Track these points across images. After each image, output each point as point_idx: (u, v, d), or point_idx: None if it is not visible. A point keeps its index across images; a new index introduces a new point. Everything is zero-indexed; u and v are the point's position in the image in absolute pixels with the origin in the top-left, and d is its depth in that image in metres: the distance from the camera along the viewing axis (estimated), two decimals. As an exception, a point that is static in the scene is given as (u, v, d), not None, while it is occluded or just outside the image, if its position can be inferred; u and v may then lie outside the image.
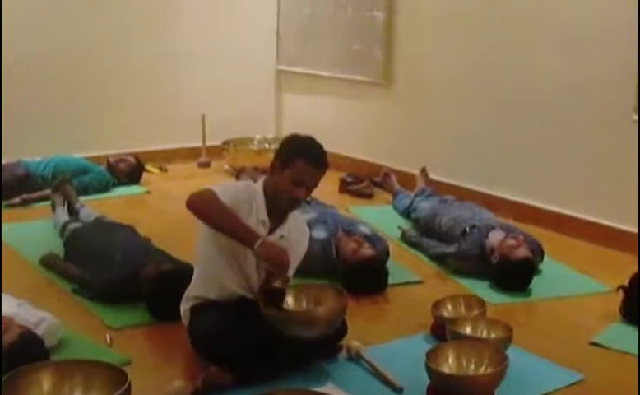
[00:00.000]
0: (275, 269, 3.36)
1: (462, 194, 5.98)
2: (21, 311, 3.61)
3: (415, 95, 6.79)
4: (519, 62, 5.89)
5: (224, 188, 3.50)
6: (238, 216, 3.41)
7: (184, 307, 3.67)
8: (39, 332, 3.48)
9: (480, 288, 4.54)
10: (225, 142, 7.42)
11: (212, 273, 3.60)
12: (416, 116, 6.78)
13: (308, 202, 5.16)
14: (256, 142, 7.55)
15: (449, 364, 3.35)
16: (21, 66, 6.80)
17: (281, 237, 3.59)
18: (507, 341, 3.59)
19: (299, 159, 3.48)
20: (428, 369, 3.26)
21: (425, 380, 3.31)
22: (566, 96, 5.57)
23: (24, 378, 2.95)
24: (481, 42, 6.18)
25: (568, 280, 4.83)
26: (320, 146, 3.59)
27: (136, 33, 7.38)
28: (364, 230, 4.87)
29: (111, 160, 6.83)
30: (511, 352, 3.55)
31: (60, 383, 3.00)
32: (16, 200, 6.08)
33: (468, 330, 3.67)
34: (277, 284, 3.39)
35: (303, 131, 3.71)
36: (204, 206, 3.40)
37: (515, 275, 4.54)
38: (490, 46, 6.11)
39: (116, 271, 4.25)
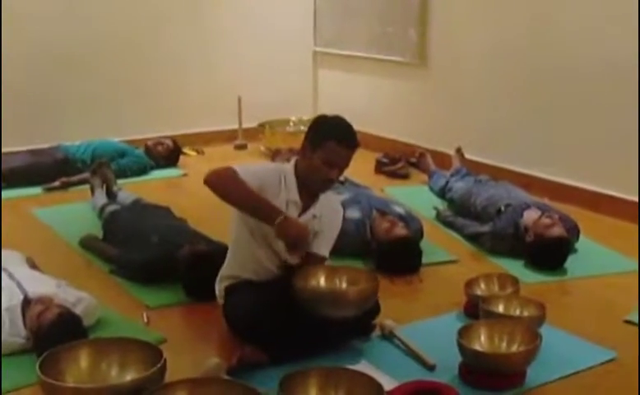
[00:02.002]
0: (291, 247, 3.43)
1: (498, 174, 5.97)
2: (60, 291, 3.69)
3: (449, 75, 6.77)
4: (555, 40, 5.85)
5: (250, 170, 3.51)
6: (259, 194, 3.42)
7: (219, 287, 3.72)
8: (77, 311, 3.55)
9: (515, 267, 4.53)
10: (261, 124, 7.45)
11: (245, 253, 3.63)
12: (451, 96, 6.77)
13: (342, 183, 5.20)
14: (292, 124, 7.58)
15: (481, 342, 3.37)
16: (61, 52, 6.91)
17: (314, 217, 3.61)
18: (540, 319, 3.59)
19: (330, 140, 3.49)
20: (461, 346, 3.28)
21: (458, 358, 3.33)
22: (604, 73, 5.51)
23: (62, 356, 3.03)
24: (516, 20, 6.14)
25: (604, 258, 4.80)
26: (349, 126, 3.59)
27: (174, 17, 7.44)
28: (398, 209, 4.88)
29: (149, 143, 6.91)
30: (544, 330, 3.56)
31: (97, 361, 3.08)
32: (56, 183, 6.17)
33: (501, 308, 3.68)
34: (292, 260, 3.47)
35: (340, 112, 3.71)
36: (222, 183, 3.44)
37: (549, 254, 4.53)
38: (525, 24, 6.07)
39: (152, 252, 4.32)
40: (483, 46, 6.41)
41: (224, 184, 3.44)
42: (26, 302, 3.53)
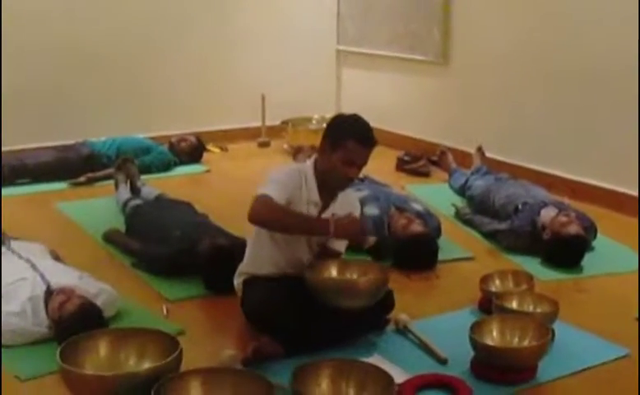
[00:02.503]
0: (356, 237, 3.62)
1: (518, 172, 5.99)
2: (82, 283, 3.77)
3: (471, 74, 6.80)
4: (576, 39, 5.86)
5: (276, 183, 3.54)
6: (301, 214, 3.55)
7: (237, 281, 3.79)
8: (98, 302, 3.63)
9: (531, 265, 4.55)
10: (284, 122, 7.52)
11: (264, 254, 3.70)
12: (473, 95, 6.80)
13: (362, 180, 5.25)
14: (314, 122, 7.63)
15: (493, 337, 3.41)
16: (87, 51, 7.03)
17: (333, 215, 3.66)
18: (552, 315, 3.62)
19: (349, 139, 3.54)
20: (472, 341, 3.33)
21: (470, 353, 3.38)
22: (625, 72, 5.51)
23: (82, 345, 3.12)
24: (537, 19, 6.16)
25: (621, 257, 4.81)
26: (367, 124, 3.64)
27: (199, 16, 7.52)
28: (416, 206, 4.92)
29: (173, 139, 7.00)
30: (557, 327, 3.61)
31: (116, 350, 3.17)
32: (82, 178, 6.28)
33: (514, 304, 3.71)
34: (366, 245, 3.74)
35: (362, 110, 3.76)
36: (268, 219, 3.49)
37: (566, 251, 4.56)
38: (546, 23, 6.08)
39: (174, 246, 4.39)
40: (504, 45, 6.44)
41: (271, 219, 3.50)
42: (49, 293, 3.62)
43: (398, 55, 7.41)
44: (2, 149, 6.39)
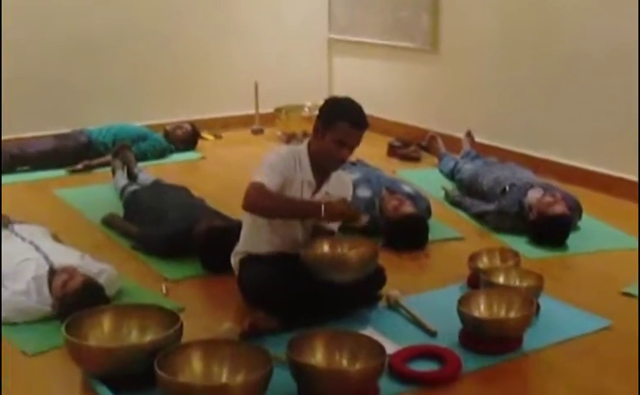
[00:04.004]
0: (347, 218, 3.72)
1: (507, 157, 6.12)
2: (84, 263, 3.90)
3: (460, 61, 6.94)
4: (565, 25, 5.99)
5: (269, 169, 3.66)
6: (294, 198, 3.68)
7: (234, 259, 3.92)
8: (100, 281, 3.76)
9: (519, 244, 4.68)
10: (277, 109, 7.65)
11: (259, 233, 3.83)
12: (462, 81, 6.94)
13: (354, 164, 5.38)
14: (307, 109, 7.74)
15: (480, 310, 3.55)
16: (85, 42, 7.18)
17: (326, 194, 3.81)
18: (537, 289, 3.76)
19: (341, 121, 3.68)
20: (460, 313, 3.47)
21: (459, 326, 3.51)
22: (609, 57, 5.66)
23: (86, 320, 3.26)
24: (525, 7, 6.29)
25: (605, 236, 4.94)
26: (359, 107, 3.77)
27: (193, 6, 7.66)
28: (407, 189, 5.06)
29: (168, 127, 7.12)
30: (543, 301, 3.76)
31: (118, 325, 3.30)
32: (79, 166, 6.40)
33: (501, 279, 3.84)
34: (359, 224, 3.77)
35: (353, 97, 3.87)
36: (261, 207, 3.63)
37: (551, 230, 4.69)
38: (536, 9, 6.21)
39: (171, 228, 4.52)
40: (493, 32, 6.57)
41: (263, 206, 3.63)
42: (52, 272, 3.75)
43: (388, 43, 7.55)
44: (3, 137, 6.52)
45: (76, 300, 3.48)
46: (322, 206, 3.62)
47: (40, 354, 3.43)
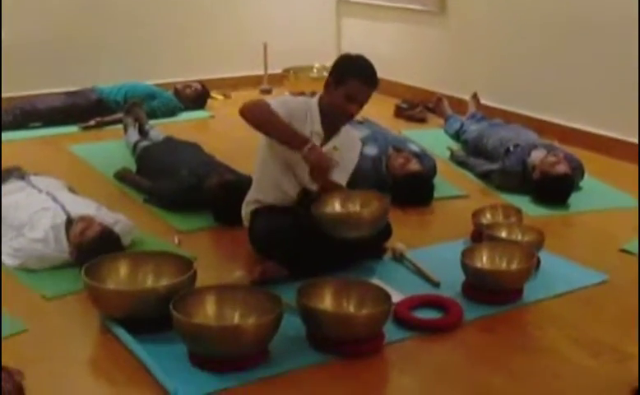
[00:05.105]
0: (317, 174, 3.74)
1: (512, 119, 6.20)
2: (100, 213, 4.03)
3: (467, 23, 7.02)
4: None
5: (281, 101, 3.82)
6: (289, 124, 3.73)
7: (245, 211, 4.04)
8: (115, 230, 3.89)
9: (522, 202, 4.77)
10: (286, 70, 7.74)
11: (270, 179, 3.95)
12: (468, 44, 7.02)
13: (361, 122, 5.48)
14: (315, 70, 7.83)
15: (482, 262, 3.68)
16: (95, 2, 7.28)
17: (334, 148, 3.91)
18: (538, 244, 3.88)
19: (352, 77, 3.78)
20: (464, 265, 3.60)
21: (462, 277, 3.65)
22: (613, 20, 5.73)
23: (104, 266, 3.39)
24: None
25: (607, 196, 5.06)
26: (371, 65, 3.87)
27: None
28: (413, 147, 5.17)
29: (178, 86, 7.21)
30: (543, 256, 3.89)
31: (134, 271, 3.44)
32: (91, 122, 6.51)
33: (503, 234, 3.97)
34: (314, 188, 3.79)
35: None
36: (256, 113, 3.74)
37: (554, 189, 4.80)
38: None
39: (183, 182, 4.64)
40: (500, -5, 6.67)
41: (258, 114, 3.75)
42: (69, 222, 3.88)
43: (397, 5, 7.63)
44: (15, 94, 6.65)
45: (93, 248, 3.61)
46: (308, 145, 3.68)
47: (59, 298, 3.58)
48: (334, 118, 3.89)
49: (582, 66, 6.05)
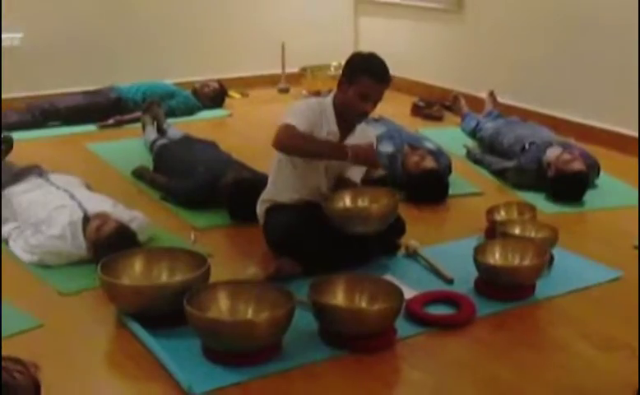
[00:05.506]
0: (371, 164, 3.87)
1: (529, 116, 6.21)
2: (116, 210, 4.08)
3: (483, 21, 7.03)
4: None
5: (298, 113, 3.81)
6: (322, 139, 3.80)
7: (260, 209, 4.08)
8: (131, 227, 3.94)
9: (537, 200, 4.78)
10: (303, 69, 7.77)
11: (285, 181, 3.98)
12: (485, 41, 7.03)
13: (377, 120, 5.51)
14: (332, 69, 7.84)
15: (495, 258, 3.69)
16: (115, 3, 7.33)
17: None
18: (552, 240, 3.89)
19: (364, 75, 3.81)
20: (476, 261, 3.61)
21: (474, 274, 3.67)
22: (631, 17, 5.70)
23: (119, 262, 3.44)
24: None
25: (622, 194, 5.06)
26: (382, 62, 3.90)
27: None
28: (429, 145, 5.19)
29: (196, 85, 7.26)
30: (557, 253, 3.90)
31: (149, 267, 3.49)
32: (110, 121, 6.56)
33: (517, 231, 3.98)
34: (376, 175, 3.95)
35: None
36: (290, 144, 3.75)
37: (569, 186, 4.80)
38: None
39: (199, 179, 4.69)
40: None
41: (293, 145, 3.76)
42: (86, 219, 3.93)
43: (414, 3, 7.64)
44: (34, 93, 6.76)
45: (109, 244, 3.66)
46: (349, 150, 3.76)
47: (75, 294, 3.63)
48: (349, 116, 3.91)
49: (598, 63, 6.04)
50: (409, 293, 3.49)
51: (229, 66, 7.85)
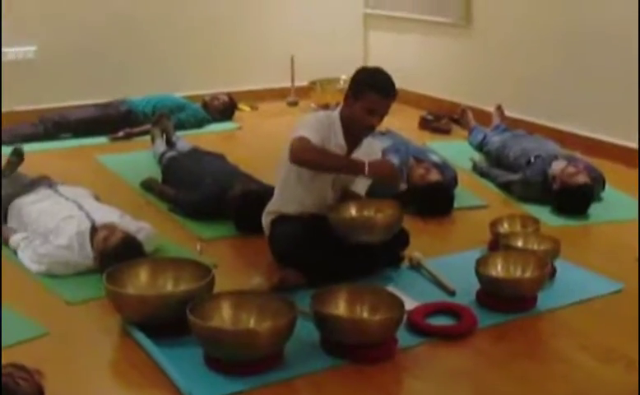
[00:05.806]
0: (391, 180, 3.91)
1: (536, 130, 6.22)
2: (123, 221, 4.13)
3: (491, 36, 7.06)
4: (592, 2, 6.12)
5: (309, 127, 3.84)
6: (337, 154, 3.85)
7: (265, 220, 4.12)
8: (138, 238, 3.98)
9: (541, 213, 4.80)
10: (312, 82, 7.82)
11: (291, 194, 4.02)
12: (493, 55, 7.06)
13: (384, 133, 5.55)
14: (342, 82, 7.86)
15: (497, 270, 3.72)
16: (126, 15, 7.40)
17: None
18: (554, 252, 3.91)
19: (370, 90, 3.85)
20: (478, 273, 3.64)
21: (477, 286, 3.69)
22: (637, 31, 5.72)
23: (125, 271, 3.49)
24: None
25: (627, 207, 5.05)
26: (387, 76, 3.93)
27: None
28: (434, 158, 5.22)
29: (206, 98, 7.31)
30: (560, 265, 3.92)
31: (155, 276, 3.54)
32: (120, 134, 6.61)
33: (520, 243, 4.00)
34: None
35: (388, 71, 4.00)
36: (308, 159, 3.78)
37: (573, 199, 4.83)
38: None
39: (206, 191, 4.73)
40: (523, 8, 6.69)
41: (311, 159, 3.79)
42: (94, 229, 3.98)
43: (423, 18, 7.69)
44: (47, 106, 6.83)
45: (115, 255, 3.71)
46: (367, 165, 3.78)
47: (81, 303, 3.68)
48: (355, 130, 3.95)
49: (605, 77, 6.07)
50: (411, 304, 3.52)
51: (239, 79, 7.91)
